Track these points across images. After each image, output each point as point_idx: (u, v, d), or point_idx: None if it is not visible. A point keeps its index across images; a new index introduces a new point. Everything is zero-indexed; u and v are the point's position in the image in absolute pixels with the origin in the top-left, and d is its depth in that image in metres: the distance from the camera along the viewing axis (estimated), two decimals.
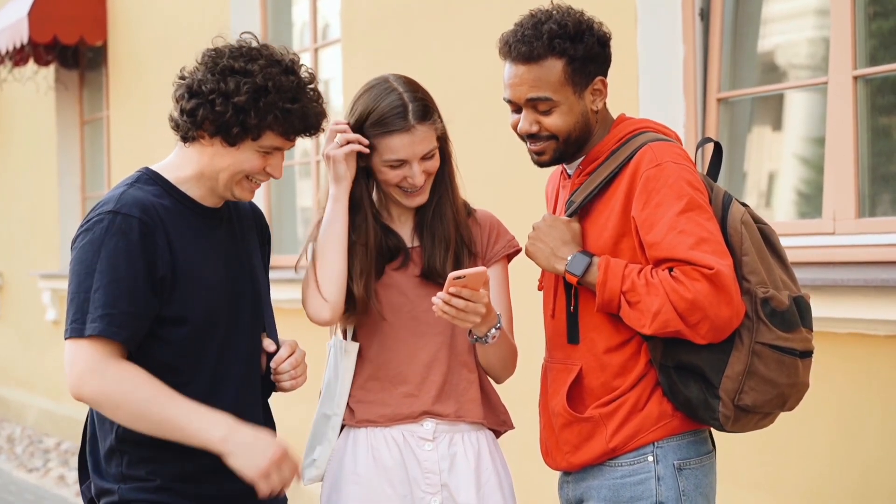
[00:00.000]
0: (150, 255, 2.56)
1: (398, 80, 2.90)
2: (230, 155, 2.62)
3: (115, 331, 2.52)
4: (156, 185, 2.66)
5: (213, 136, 2.60)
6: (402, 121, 2.83)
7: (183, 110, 2.60)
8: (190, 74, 2.62)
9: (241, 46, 2.62)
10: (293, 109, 2.59)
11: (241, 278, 2.75)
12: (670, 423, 2.69)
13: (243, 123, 2.56)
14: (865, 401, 3.89)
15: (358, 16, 6.41)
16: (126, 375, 2.53)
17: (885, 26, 4.29)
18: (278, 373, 2.79)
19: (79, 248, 2.59)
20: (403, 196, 2.90)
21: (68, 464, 8.82)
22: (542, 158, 2.78)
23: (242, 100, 2.54)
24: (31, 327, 10.87)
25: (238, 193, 2.69)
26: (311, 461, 2.97)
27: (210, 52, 2.63)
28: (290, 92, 2.59)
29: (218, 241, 2.72)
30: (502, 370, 2.98)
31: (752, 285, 2.61)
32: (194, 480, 2.64)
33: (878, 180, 4.24)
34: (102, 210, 2.59)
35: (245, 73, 2.56)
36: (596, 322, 2.72)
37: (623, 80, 4.59)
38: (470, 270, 2.67)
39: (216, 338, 2.67)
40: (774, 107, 4.86)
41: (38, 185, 10.69)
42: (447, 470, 2.89)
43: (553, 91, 2.70)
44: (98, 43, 9.37)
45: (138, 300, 2.55)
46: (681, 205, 2.59)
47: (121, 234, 2.55)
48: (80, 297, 2.55)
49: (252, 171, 2.66)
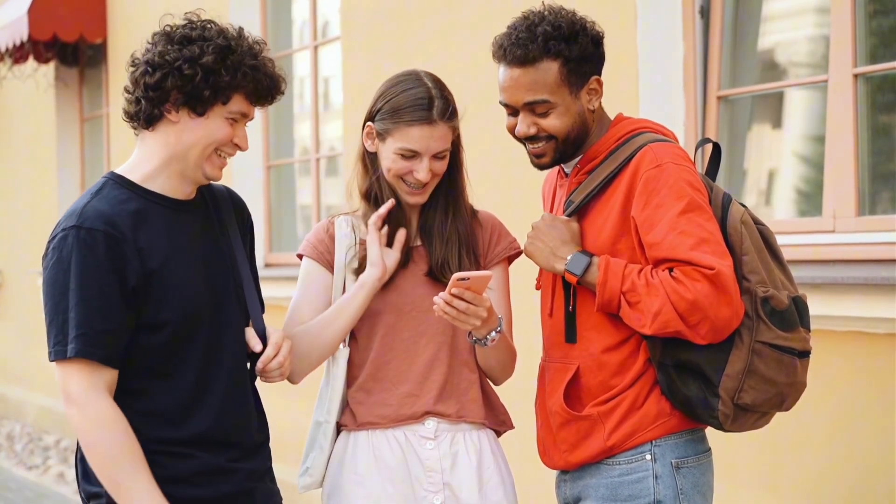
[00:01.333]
0: (119, 267, 2.53)
1: (427, 76, 2.91)
2: (199, 126, 2.59)
3: (91, 350, 2.50)
4: (122, 189, 2.62)
5: (182, 106, 2.57)
6: (426, 112, 2.83)
7: (147, 86, 2.56)
8: (144, 54, 2.61)
9: (190, 21, 2.63)
10: (258, 65, 2.60)
11: (222, 273, 2.71)
12: (668, 422, 2.69)
13: (214, 85, 2.55)
14: (864, 399, 3.89)
15: (358, 13, 6.41)
16: (103, 422, 2.52)
17: (885, 24, 4.28)
18: (265, 371, 2.75)
19: (48, 268, 2.56)
20: (405, 191, 2.90)
21: (68, 461, 8.82)
22: (543, 161, 2.78)
23: (210, 59, 2.54)
24: (30, 325, 10.86)
25: (209, 171, 2.65)
26: (305, 469, 2.96)
27: (159, 32, 2.63)
28: (251, 50, 2.60)
29: (194, 236, 2.68)
30: (501, 372, 2.98)
31: (752, 284, 2.61)
32: (187, 483, 2.62)
33: (878, 178, 4.23)
34: (66, 226, 2.55)
35: (204, 39, 2.57)
36: (594, 321, 2.71)
37: (623, 78, 4.59)
38: (475, 273, 2.66)
39: (200, 337, 2.64)
40: (774, 105, 4.86)
41: (38, 182, 10.68)
42: (449, 469, 2.88)
43: (550, 93, 2.70)
44: (98, 40, 9.37)
45: (112, 317, 2.52)
46: (681, 205, 2.59)
47: (87, 249, 2.51)
48: (59, 319, 2.52)
49: (222, 142, 2.62)
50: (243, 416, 2.73)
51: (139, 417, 2.57)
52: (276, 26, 7.69)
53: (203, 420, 2.64)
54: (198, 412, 2.63)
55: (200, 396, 2.63)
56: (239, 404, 2.71)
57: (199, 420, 2.63)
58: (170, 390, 2.60)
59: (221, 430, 2.66)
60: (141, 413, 2.58)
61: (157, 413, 2.61)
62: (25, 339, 11.00)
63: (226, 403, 2.66)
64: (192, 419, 2.63)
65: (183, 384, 2.62)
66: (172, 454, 2.60)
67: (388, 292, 2.91)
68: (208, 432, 2.64)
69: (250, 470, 2.72)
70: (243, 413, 2.73)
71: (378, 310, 2.91)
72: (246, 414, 2.73)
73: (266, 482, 2.79)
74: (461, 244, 2.93)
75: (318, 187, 7.17)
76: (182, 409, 2.62)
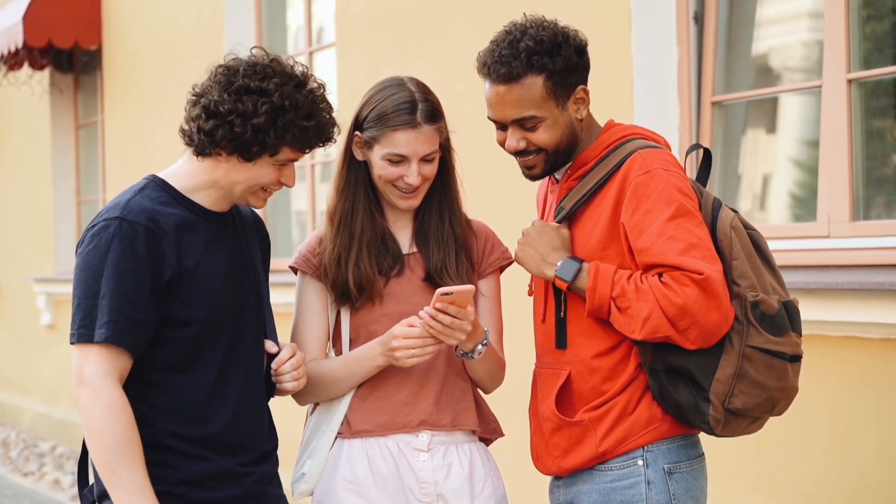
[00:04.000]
0: (156, 261, 2.60)
1: (411, 81, 2.92)
2: (247, 170, 2.66)
3: (121, 338, 2.56)
4: (163, 193, 2.69)
5: (231, 154, 2.64)
6: (410, 116, 2.84)
7: (201, 129, 2.62)
8: (203, 92, 2.64)
9: (254, 64, 2.64)
10: (309, 126, 2.63)
11: (245, 282, 2.78)
12: (660, 427, 2.69)
13: (262, 142, 2.61)
14: (860, 404, 3.89)
15: (352, 19, 6.41)
16: (113, 408, 2.55)
17: (878, 29, 4.29)
18: (280, 373, 2.81)
19: (85, 253, 2.61)
20: (397, 196, 2.90)
21: (63, 468, 8.81)
22: (534, 172, 2.79)
23: (261, 121, 2.58)
24: (26, 331, 10.86)
25: (253, 202, 2.75)
26: (301, 475, 2.96)
27: (223, 69, 2.65)
28: (306, 108, 2.62)
29: (224, 245, 2.75)
30: (489, 383, 2.99)
31: (741, 289, 2.61)
32: (198, 485, 2.67)
33: (873, 183, 4.24)
34: (108, 216, 2.62)
35: (261, 93, 2.59)
36: (585, 327, 2.71)
37: (617, 84, 4.60)
38: (458, 287, 2.69)
39: (221, 340, 2.70)
40: (769, 110, 4.86)
41: (33, 189, 10.67)
42: (443, 480, 2.89)
43: (536, 108, 2.70)
44: (93, 47, 9.36)
45: (143, 308, 2.58)
46: (670, 211, 2.59)
47: (127, 240, 2.58)
48: (87, 303, 2.58)
49: (267, 184, 2.70)
50: (257, 423, 2.79)
51: (157, 411, 2.63)
52: (270, 32, 7.69)
53: (219, 421, 2.69)
54: (215, 413, 2.69)
55: (218, 397, 2.69)
56: (253, 411, 2.77)
57: (215, 421, 2.69)
58: (189, 387, 2.66)
59: (237, 432, 2.72)
60: (160, 407, 2.64)
61: (175, 409, 2.66)
62: (20, 345, 10.99)
63: (241, 408, 2.72)
64: (209, 419, 2.68)
65: (202, 383, 2.67)
66: (187, 455, 2.64)
67: (386, 301, 2.91)
68: (224, 433, 2.69)
69: (261, 474, 2.78)
70: (257, 420, 2.78)
71: (375, 319, 2.91)
72: (259, 421, 2.79)
73: (274, 486, 2.84)
74: (458, 247, 2.94)
75: (314, 193, 7.17)
76: (200, 408, 2.67)
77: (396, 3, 6.08)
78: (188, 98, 2.67)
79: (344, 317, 2.95)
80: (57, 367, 10.02)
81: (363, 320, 2.92)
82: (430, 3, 5.85)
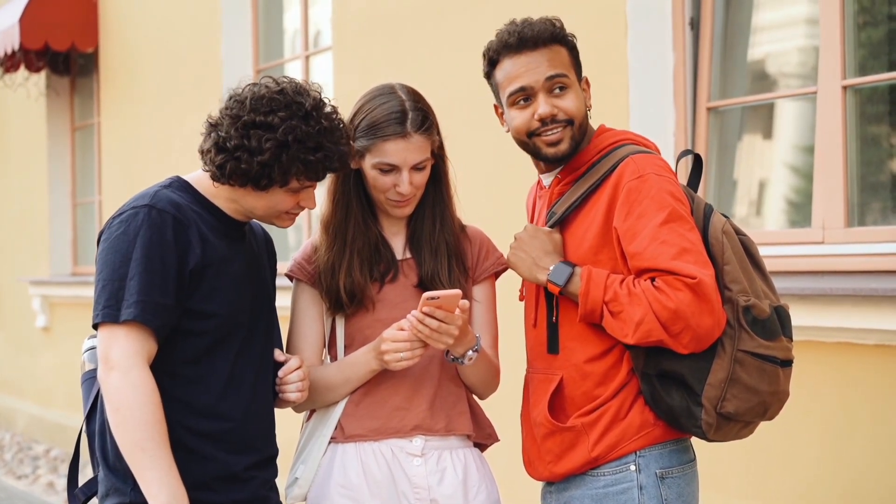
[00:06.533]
0: (183, 250, 2.64)
1: (402, 89, 2.91)
2: (262, 198, 2.70)
3: (149, 318, 2.58)
4: (187, 193, 2.73)
5: (244, 185, 2.68)
6: (400, 126, 2.83)
7: (212, 161, 2.67)
8: (217, 123, 2.68)
9: (261, 96, 2.65)
10: (316, 159, 2.64)
11: (259, 290, 2.82)
12: (652, 432, 2.69)
13: (269, 176, 2.64)
14: (853, 410, 3.89)
15: (349, 23, 6.42)
16: (145, 388, 2.56)
17: (874, 36, 4.30)
18: (285, 382, 2.83)
19: (113, 237, 2.64)
20: (390, 205, 2.90)
21: (57, 470, 8.80)
22: (560, 148, 2.75)
23: (265, 158, 2.61)
24: (21, 333, 10.85)
25: (277, 223, 2.80)
26: (294, 480, 2.96)
27: (234, 101, 2.67)
28: (312, 141, 2.63)
29: (243, 249, 2.79)
30: (483, 388, 2.99)
31: (733, 294, 2.61)
32: (206, 488, 2.68)
33: (868, 189, 4.24)
34: (137, 204, 2.66)
35: (266, 128, 2.61)
36: (577, 332, 2.71)
37: (613, 89, 4.60)
38: (444, 292, 2.70)
39: (236, 340, 2.72)
40: (764, 116, 4.87)
41: (29, 191, 10.67)
42: (436, 485, 2.89)
43: (566, 69, 2.75)
44: (89, 49, 9.36)
45: (169, 292, 2.61)
46: (663, 215, 2.60)
47: (156, 227, 2.62)
48: (113, 285, 2.60)
49: (286, 210, 2.74)
50: (264, 426, 2.81)
51: (172, 404, 2.64)
52: (267, 36, 7.70)
53: (231, 418, 2.71)
54: (225, 410, 2.71)
55: (230, 395, 2.71)
56: (261, 413, 2.79)
57: (227, 417, 2.71)
58: (203, 382, 2.68)
59: (246, 432, 2.74)
60: (174, 399, 2.65)
61: (187, 401, 2.67)
62: (15, 347, 10.98)
63: (250, 409, 2.74)
64: (220, 415, 2.70)
65: (217, 379, 2.70)
66: (195, 454, 2.66)
67: (379, 307, 2.91)
68: (233, 432, 2.72)
69: (264, 479, 2.80)
70: (264, 423, 2.81)
71: (369, 324, 2.91)
72: (267, 423, 2.82)
73: (275, 493, 2.86)
74: (450, 255, 2.94)
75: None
76: (211, 403, 2.69)
77: (393, 7, 6.08)
78: (205, 125, 2.71)
79: (339, 323, 2.96)
80: (51, 369, 10.01)
81: (357, 326, 2.93)
82: (427, 8, 5.85)
